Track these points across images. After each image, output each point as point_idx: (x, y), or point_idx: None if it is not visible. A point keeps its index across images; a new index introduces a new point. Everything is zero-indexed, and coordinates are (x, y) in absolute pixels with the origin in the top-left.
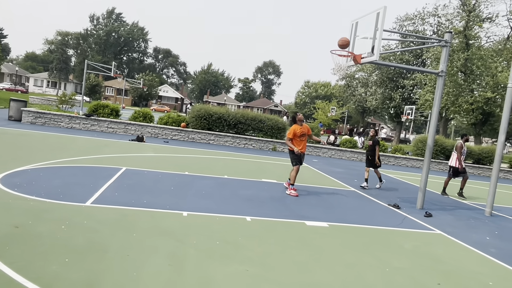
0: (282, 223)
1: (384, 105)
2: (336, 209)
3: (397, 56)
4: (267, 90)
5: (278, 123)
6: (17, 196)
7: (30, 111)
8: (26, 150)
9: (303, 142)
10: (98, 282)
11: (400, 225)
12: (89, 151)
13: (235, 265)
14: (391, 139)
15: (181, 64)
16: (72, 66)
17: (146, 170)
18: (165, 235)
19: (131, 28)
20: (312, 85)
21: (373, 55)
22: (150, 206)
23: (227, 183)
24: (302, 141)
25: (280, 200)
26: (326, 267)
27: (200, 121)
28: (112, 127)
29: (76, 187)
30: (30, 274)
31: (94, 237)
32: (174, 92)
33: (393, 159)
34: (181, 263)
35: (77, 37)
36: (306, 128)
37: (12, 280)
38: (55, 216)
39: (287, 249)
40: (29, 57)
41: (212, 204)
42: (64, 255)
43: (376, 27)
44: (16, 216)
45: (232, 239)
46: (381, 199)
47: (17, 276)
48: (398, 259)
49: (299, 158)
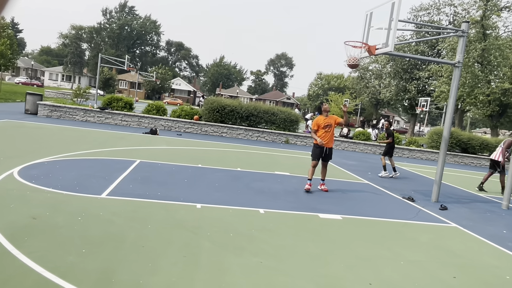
0: (295, 216)
1: (398, 97)
2: (350, 202)
3: (412, 47)
4: (280, 83)
5: (290, 116)
6: (34, 188)
7: (45, 104)
8: (42, 143)
9: (329, 135)
10: (114, 273)
11: (414, 218)
12: (103, 144)
13: (249, 257)
14: (405, 132)
15: (193, 57)
16: (86, 59)
17: (159, 162)
18: (179, 227)
19: (144, 22)
20: (324, 77)
21: (387, 46)
22: (164, 198)
23: (240, 176)
24: (327, 133)
25: (293, 193)
26: (340, 259)
27: (213, 114)
28: (126, 120)
29: (92, 179)
30: (48, 264)
31: (109, 229)
32: (186, 85)
33: (408, 151)
34: (195, 254)
35: (91, 31)
36: (332, 119)
37: (31, 270)
38: (71, 207)
39: (300, 241)
40: (44, 51)
41: (225, 196)
42: (80, 245)
43: (391, 17)
44: (33, 208)
45: (246, 231)
46: (395, 192)
47: (36, 266)
48: (413, 252)
49: (320, 152)
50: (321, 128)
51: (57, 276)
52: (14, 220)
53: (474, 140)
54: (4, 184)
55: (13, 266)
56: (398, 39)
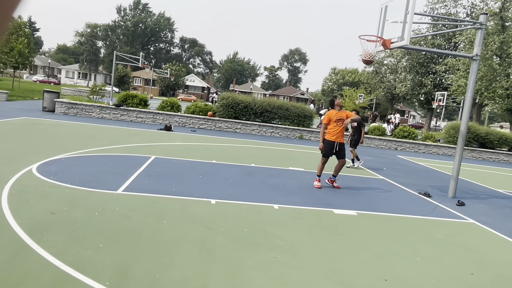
0: (310, 211)
1: (414, 92)
2: (365, 198)
3: (428, 41)
4: (293, 78)
5: (304, 111)
6: (52, 184)
7: (62, 102)
8: (60, 139)
9: (340, 129)
10: (130, 267)
11: (431, 214)
12: (119, 141)
13: (263, 252)
14: (422, 126)
15: (207, 54)
16: (102, 57)
17: (174, 158)
18: (194, 222)
19: (158, 19)
20: (339, 72)
21: (403, 40)
22: (179, 194)
23: (254, 171)
24: (338, 127)
25: (308, 189)
26: (355, 255)
27: (227, 110)
28: (141, 116)
29: (108, 175)
30: (67, 258)
31: (126, 224)
32: (200, 82)
33: (424, 146)
34: (210, 249)
35: (106, 28)
36: (344, 114)
37: (50, 264)
38: (88, 203)
39: (315, 237)
40: (61, 50)
41: (239, 192)
42: (98, 240)
43: (407, 10)
44: (52, 203)
45: (260, 227)
46: (411, 188)
47: (55, 260)
48: (429, 249)
49: (330, 149)
50: (332, 122)
51: (75, 270)
52: (34, 215)
53: (493, 134)
54: (23, 180)
55: (33, 260)
56: (414, 32)
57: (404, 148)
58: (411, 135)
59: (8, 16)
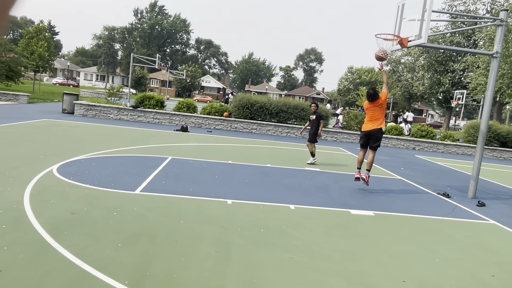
0: (326, 212)
1: (433, 90)
2: (382, 198)
3: (446, 38)
4: (309, 78)
5: (321, 111)
6: (72, 185)
7: (81, 104)
8: (79, 141)
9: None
10: (148, 267)
11: (450, 214)
12: (136, 142)
13: (280, 252)
14: (440, 126)
15: (222, 54)
16: (119, 59)
17: (191, 159)
18: (211, 223)
19: (174, 21)
20: (355, 71)
21: (420, 38)
22: (195, 194)
23: (270, 172)
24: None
25: (324, 189)
26: (372, 256)
27: (243, 111)
28: (157, 118)
29: (126, 176)
30: (87, 257)
31: (143, 224)
32: (216, 82)
33: (442, 146)
34: (227, 249)
35: (123, 31)
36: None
37: (70, 263)
38: (107, 203)
39: (332, 237)
40: (79, 53)
41: (255, 192)
42: (116, 240)
43: (424, 8)
44: (72, 203)
45: (276, 227)
46: (430, 188)
47: (75, 259)
48: (448, 250)
49: (361, 138)
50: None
51: (95, 269)
52: (55, 215)
53: None
54: (44, 180)
55: (54, 258)
56: (432, 30)
57: (422, 148)
58: (429, 134)
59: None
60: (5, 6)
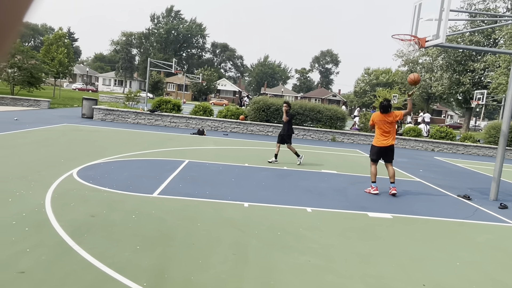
0: (343, 214)
1: (452, 91)
2: (400, 200)
3: (465, 38)
4: (325, 80)
5: (337, 113)
6: (92, 188)
7: (100, 108)
8: (98, 145)
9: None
10: (166, 269)
11: (471, 217)
12: (154, 145)
13: (297, 255)
14: (460, 126)
15: (238, 58)
16: (136, 64)
17: (207, 162)
18: (228, 225)
19: (190, 25)
20: (372, 72)
21: (438, 38)
22: (212, 197)
23: (287, 174)
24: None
25: (341, 191)
26: (391, 259)
27: (258, 113)
28: (174, 121)
29: (144, 179)
30: (106, 260)
31: (161, 226)
32: (232, 86)
33: (462, 147)
34: (244, 252)
35: (140, 36)
36: (392, 115)
37: (90, 265)
38: (126, 206)
39: (349, 240)
40: (98, 58)
41: (272, 195)
42: (135, 242)
43: (442, 7)
44: (92, 206)
45: (293, 230)
46: (450, 190)
47: (95, 261)
48: (469, 253)
49: (374, 153)
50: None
51: (114, 271)
52: (75, 218)
53: None
54: (65, 184)
55: (75, 261)
56: (450, 29)
57: (442, 149)
58: (448, 135)
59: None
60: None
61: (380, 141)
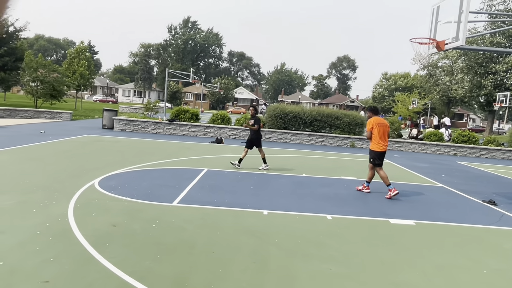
0: (364, 221)
1: (473, 94)
2: (423, 206)
3: (486, 39)
4: (342, 86)
5: (355, 119)
6: (113, 198)
7: (120, 119)
8: (118, 155)
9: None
10: (187, 278)
11: (497, 223)
12: (173, 154)
13: (318, 263)
14: (483, 130)
15: (254, 66)
16: (155, 75)
17: (226, 170)
18: (247, 234)
19: (206, 35)
20: (390, 77)
21: (458, 40)
22: (231, 205)
23: (306, 182)
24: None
25: (361, 198)
26: (415, 267)
27: (276, 121)
28: (192, 130)
29: (163, 188)
30: (127, 268)
31: (181, 235)
32: (249, 94)
33: (486, 151)
34: (264, 261)
35: (158, 47)
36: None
37: (112, 274)
38: (146, 215)
39: (371, 248)
40: (117, 70)
41: (291, 202)
42: (156, 251)
43: (461, 9)
44: (113, 216)
45: (313, 238)
46: (474, 195)
47: (116, 270)
48: (496, 260)
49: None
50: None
51: (135, 280)
52: (97, 228)
53: None
54: (87, 194)
55: (97, 269)
56: (470, 31)
57: (464, 154)
58: (471, 139)
59: None
60: None
61: (382, 145)
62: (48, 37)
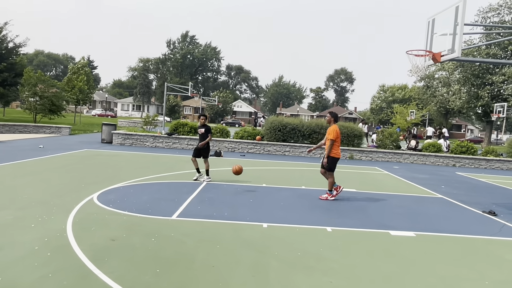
0: (364, 233)
1: (470, 105)
2: (423, 218)
3: (482, 51)
4: (340, 98)
5: (354, 131)
6: (112, 212)
7: (119, 133)
8: (117, 169)
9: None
10: None
11: (498, 233)
12: (172, 168)
13: (318, 276)
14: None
15: (253, 79)
16: (153, 89)
17: (225, 183)
18: (247, 247)
19: (204, 49)
20: (388, 89)
21: (454, 52)
22: (231, 219)
23: (305, 194)
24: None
25: (361, 210)
26: (417, 279)
27: (275, 133)
28: (191, 144)
29: (162, 202)
30: (126, 283)
31: (181, 249)
32: (247, 107)
33: (485, 162)
34: (264, 274)
35: (157, 62)
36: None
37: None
38: (145, 229)
39: (371, 260)
40: (116, 84)
41: (291, 215)
42: (155, 265)
43: (456, 22)
44: (112, 230)
45: (314, 250)
46: (474, 206)
47: (115, 285)
48: (499, 272)
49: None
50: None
51: None
52: (96, 242)
53: None
54: (86, 208)
55: (95, 285)
56: (466, 43)
57: (463, 164)
58: (470, 150)
59: None
60: None
61: (340, 152)
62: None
